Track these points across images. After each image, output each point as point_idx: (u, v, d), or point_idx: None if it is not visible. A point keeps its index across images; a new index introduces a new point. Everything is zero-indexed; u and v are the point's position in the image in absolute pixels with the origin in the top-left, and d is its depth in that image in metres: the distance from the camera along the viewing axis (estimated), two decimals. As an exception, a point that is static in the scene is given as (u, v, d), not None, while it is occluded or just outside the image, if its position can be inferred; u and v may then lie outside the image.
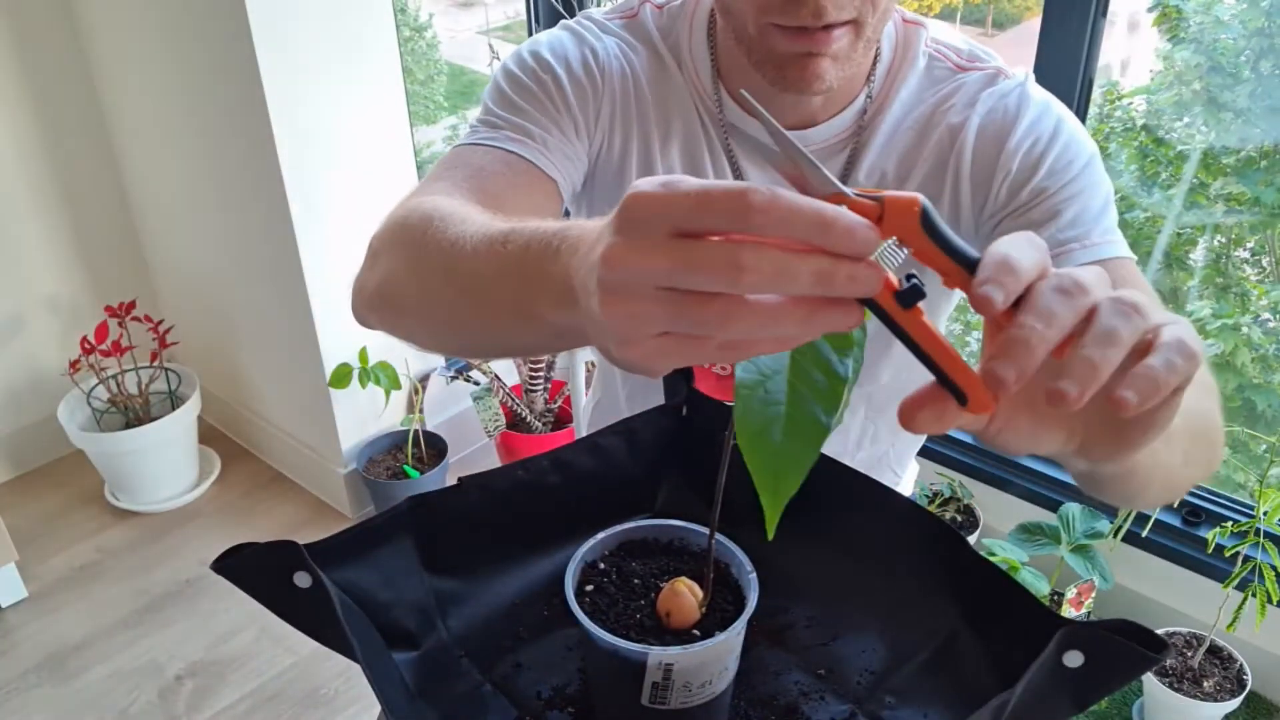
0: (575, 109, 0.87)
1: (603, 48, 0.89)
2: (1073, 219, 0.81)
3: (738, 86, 0.88)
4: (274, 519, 2.31)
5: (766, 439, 0.45)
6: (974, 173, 0.87)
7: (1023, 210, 0.84)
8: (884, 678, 0.69)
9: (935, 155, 0.87)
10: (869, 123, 0.88)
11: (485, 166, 0.82)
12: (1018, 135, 0.84)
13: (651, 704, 0.62)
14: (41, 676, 1.89)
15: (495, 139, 0.84)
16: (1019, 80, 0.87)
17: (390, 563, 0.69)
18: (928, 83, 0.89)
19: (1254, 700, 1.78)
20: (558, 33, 0.91)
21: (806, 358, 0.46)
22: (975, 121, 0.85)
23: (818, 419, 0.46)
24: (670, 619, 0.63)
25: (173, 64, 2.01)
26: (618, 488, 0.79)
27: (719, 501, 0.62)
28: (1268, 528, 1.54)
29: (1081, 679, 0.52)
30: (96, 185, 2.36)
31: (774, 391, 0.46)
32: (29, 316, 2.33)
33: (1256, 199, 2.32)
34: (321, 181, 1.94)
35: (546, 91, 0.86)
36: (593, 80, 0.88)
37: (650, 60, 0.91)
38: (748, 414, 0.45)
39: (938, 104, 0.88)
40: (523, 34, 2.44)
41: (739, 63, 0.85)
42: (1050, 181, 0.83)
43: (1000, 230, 0.86)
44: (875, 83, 0.88)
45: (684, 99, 0.90)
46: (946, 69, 0.89)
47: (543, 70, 0.87)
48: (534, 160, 0.83)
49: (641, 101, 0.90)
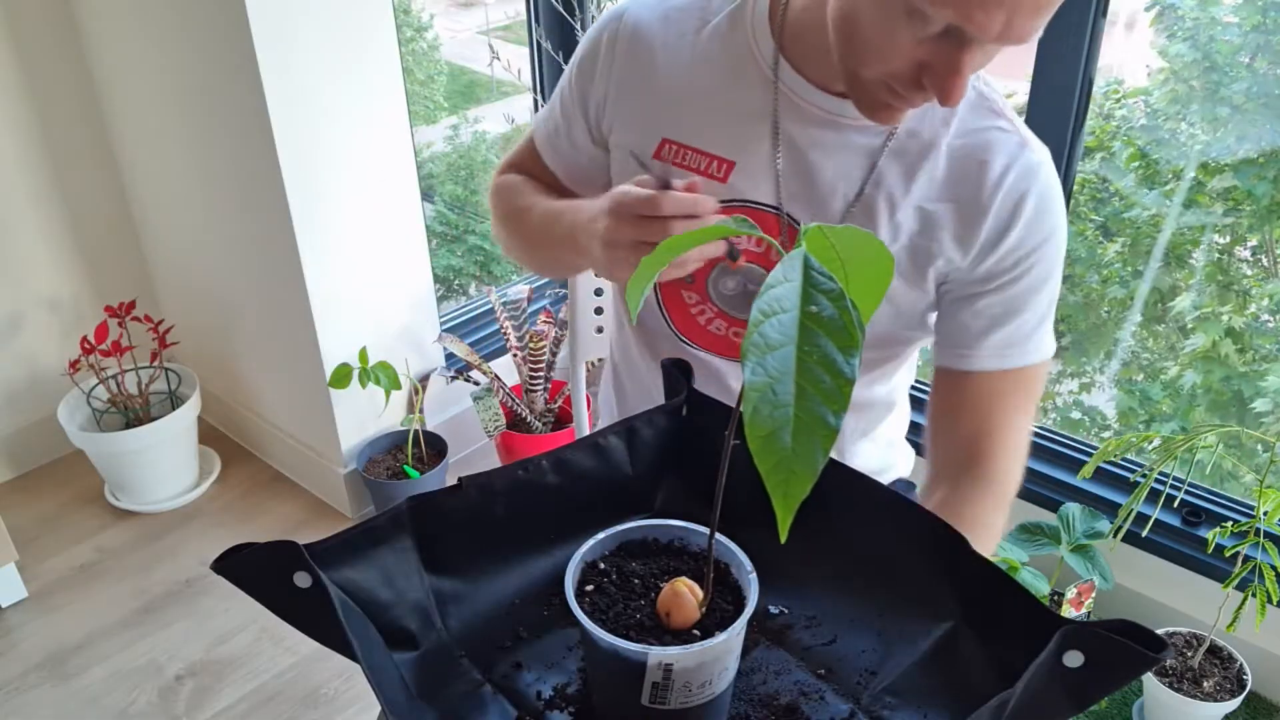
0: (587, 116, 1.05)
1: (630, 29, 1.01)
2: (1020, 324, 0.94)
3: (795, 56, 0.92)
4: (274, 519, 2.31)
5: (777, 442, 0.45)
6: (988, 236, 0.92)
7: (982, 292, 0.94)
8: (884, 677, 0.69)
9: (975, 199, 0.92)
10: (910, 123, 0.92)
11: (535, 168, 1.14)
12: (1020, 226, 0.91)
13: (651, 704, 0.62)
14: (41, 676, 1.89)
15: (543, 150, 1.13)
16: (1040, 160, 0.92)
17: (390, 563, 0.69)
18: (972, 114, 0.92)
19: (1254, 700, 1.78)
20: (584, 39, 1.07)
21: (813, 358, 0.46)
22: (1006, 186, 0.91)
23: (826, 420, 0.46)
24: (670, 619, 0.63)
25: (173, 64, 2.01)
26: (618, 488, 0.79)
27: (719, 501, 0.62)
28: (1268, 528, 1.54)
29: (1081, 679, 0.52)
30: (96, 185, 2.36)
31: (782, 394, 0.46)
32: (29, 316, 2.33)
33: (1249, 193, 2.32)
34: (321, 181, 1.94)
35: (565, 101, 1.08)
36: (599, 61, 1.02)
37: (697, 27, 0.97)
38: (757, 417, 0.45)
39: (975, 148, 0.91)
40: (523, 34, 2.43)
41: (807, 36, 0.90)
42: (1018, 280, 0.93)
43: (951, 293, 0.96)
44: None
45: (743, 59, 0.94)
46: (990, 110, 0.92)
47: (567, 82, 1.07)
48: (543, 154, 1.12)
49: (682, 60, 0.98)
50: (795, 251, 0.49)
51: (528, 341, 2.25)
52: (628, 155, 1.00)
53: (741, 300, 1.00)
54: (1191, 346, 2.51)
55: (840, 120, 0.92)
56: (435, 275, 2.30)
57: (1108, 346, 2.89)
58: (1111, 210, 2.70)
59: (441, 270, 3.96)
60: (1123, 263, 2.70)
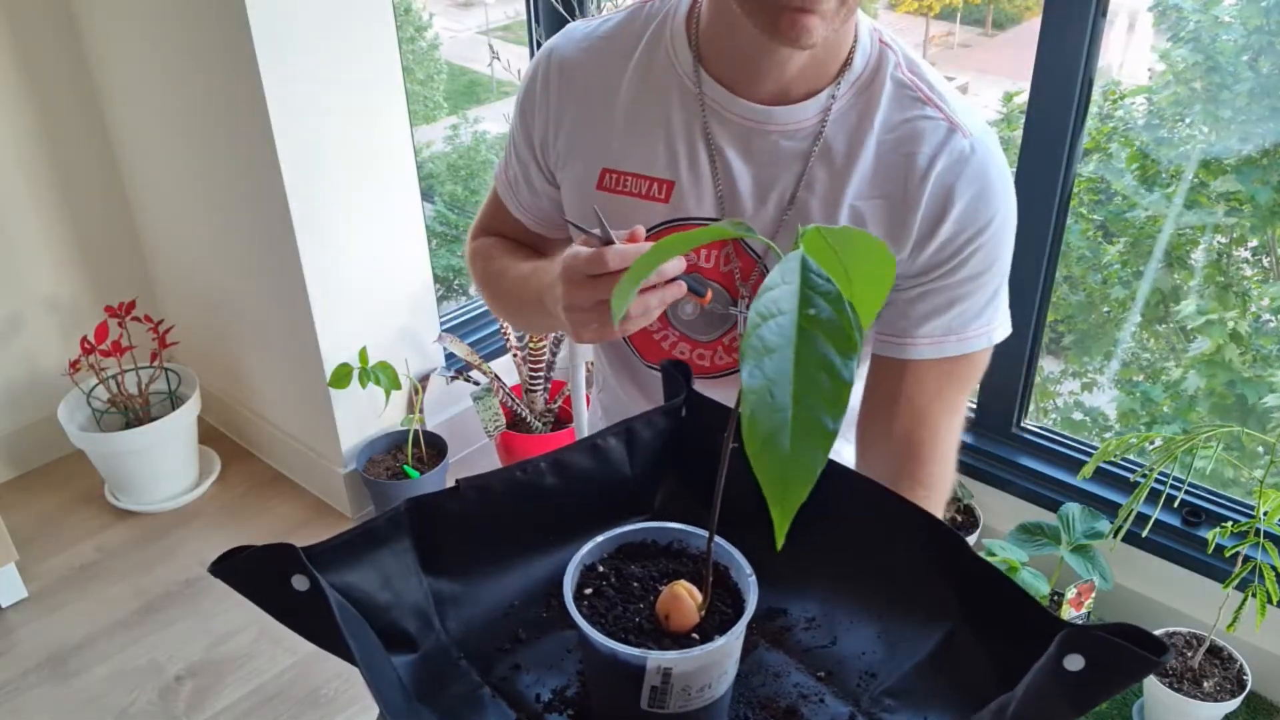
0: (535, 154, 1.05)
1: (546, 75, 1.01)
2: (961, 311, 0.93)
3: (715, 68, 0.93)
4: (274, 519, 2.31)
5: (775, 446, 0.44)
6: (920, 229, 0.91)
7: (921, 284, 0.93)
8: (884, 679, 0.69)
9: (903, 193, 0.90)
10: (833, 124, 0.91)
11: (498, 223, 1.15)
12: (953, 217, 0.89)
13: (650, 708, 0.62)
14: (41, 676, 1.89)
15: (503, 194, 1.12)
16: (969, 145, 0.89)
17: (388, 565, 0.69)
18: (894, 108, 0.91)
19: (1254, 700, 1.78)
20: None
21: (811, 361, 0.46)
22: (933, 177, 0.89)
23: (823, 423, 0.45)
24: (669, 622, 0.63)
25: (173, 64, 2.00)
26: (616, 489, 0.79)
27: (718, 504, 0.62)
28: (1268, 528, 1.54)
29: (1082, 682, 0.52)
30: (96, 185, 2.36)
31: (779, 397, 0.45)
32: (29, 316, 2.33)
33: (1252, 197, 2.32)
34: (321, 181, 1.94)
35: (516, 144, 1.07)
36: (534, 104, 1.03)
37: (626, 53, 0.97)
38: (755, 420, 0.44)
39: (900, 141, 0.90)
40: (523, 34, 2.43)
41: (718, 41, 0.91)
42: (956, 272, 0.92)
43: (902, 292, 0.94)
44: (842, 86, 0.91)
45: (666, 77, 0.95)
46: (914, 99, 0.91)
47: (514, 125, 1.07)
48: (508, 205, 1.12)
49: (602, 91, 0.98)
50: (793, 254, 0.49)
51: (527, 341, 2.25)
52: (574, 192, 1.00)
53: (702, 323, 1.00)
54: (1195, 350, 2.51)
55: (766, 126, 0.92)
56: (435, 275, 2.30)
57: (1108, 347, 2.89)
58: (1112, 210, 2.70)
59: (441, 270, 3.96)
60: (1123, 263, 2.70)
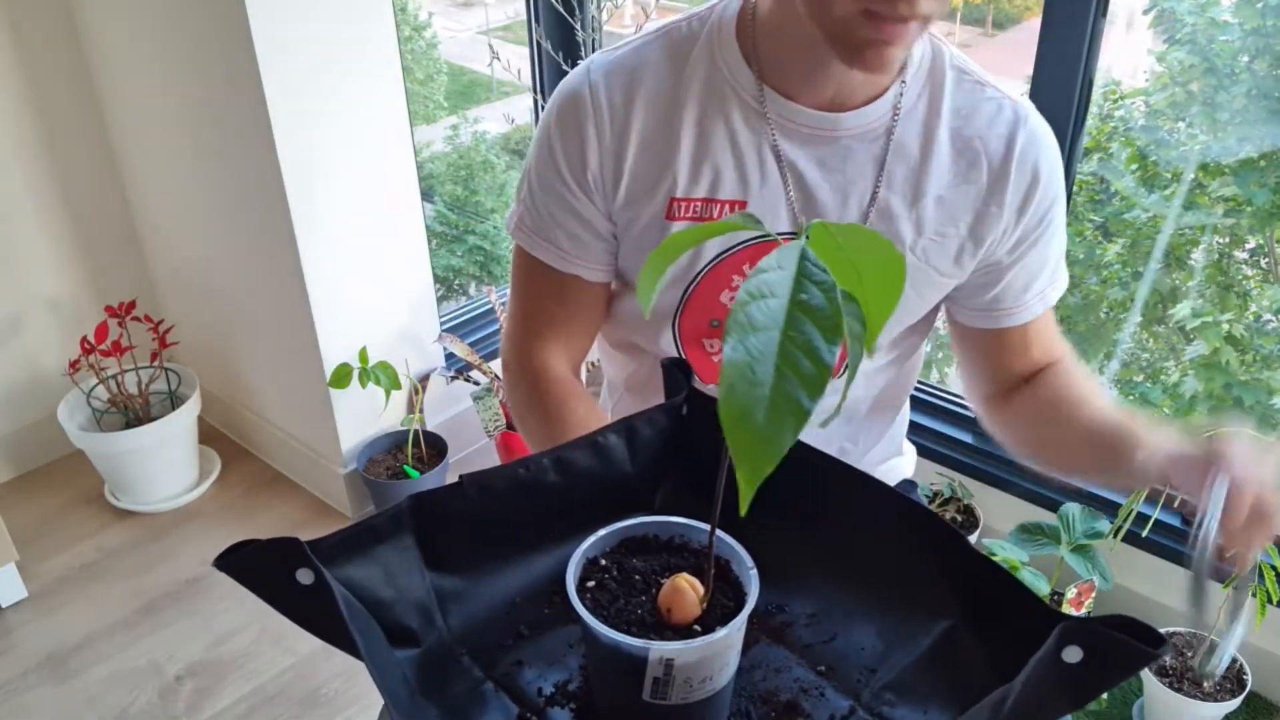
0: (593, 198, 0.97)
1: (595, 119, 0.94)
2: (1036, 271, 1.00)
3: (775, 79, 0.91)
4: (274, 519, 2.31)
5: (750, 419, 0.45)
6: (1013, 206, 0.95)
7: (1019, 255, 0.98)
8: (884, 674, 0.69)
9: (989, 176, 0.94)
10: (903, 121, 0.92)
11: (541, 300, 1.03)
12: (1040, 186, 0.94)
13: (653, 699, 0.62)
14: (41, 676, 1.89)
15: (535, 249, 1.00)
16: (1036, 119, 0.95)
17: (391, 560, 0.69)
18: (959, 95, 0.93)
19: (1254, 700, 1.78)
20: (542, 127, 0.97)
21: (796, 343, 0.47)
22: (1017, 155, 0.93)
23: (800, 402, 0.46)
24: (671, 615, 0.63)
25: (172, 64, 2.01)
26: (618, 486, 0.79)
27: (719, 498, 0.62)
28: (1267, 527, 1.54)
29: (1080, 674, 0.52)
30: (96, 185, 2.36)
31: (760, 373, 0.46)
32: (29, 316, 2.33)
33: (1250, 200, 2.33)
34: (321, 181, 1.94)
35: (560, 195, 0.97)
36: (589, 168, 0.95)
37: (673, 72, 0.94)
38: (732, 395, 0.45)
39: (975, 130, 0.93)
40: (523, 34, 2.44)
41: (781, 54, 0.90)
42: (1045, 232, 0.98)
43: (988, 268, 1.00)
44: (907, 82, 0.92)
45: (725, 96, 0.93)
46: (974, 84, 0.94)
47: (551, 173, 0.97)
48: (577, 273, 1.00)
49: (663, 118, 0.93)
50: (793, 243, 0.49)
51: (528, 342, 2.25)
52: (640, 230, 0.96)
53: None
54: (1193, 353, 2.51)
55: (836, 133, 0.91)
56: (435, 275, 2.30)
57: (1108, 347, 2.89)
58: (1111, 211, 2.71)
59: (441, 270, 3.97)
60: (1122, 264, 2.70)
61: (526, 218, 1.00)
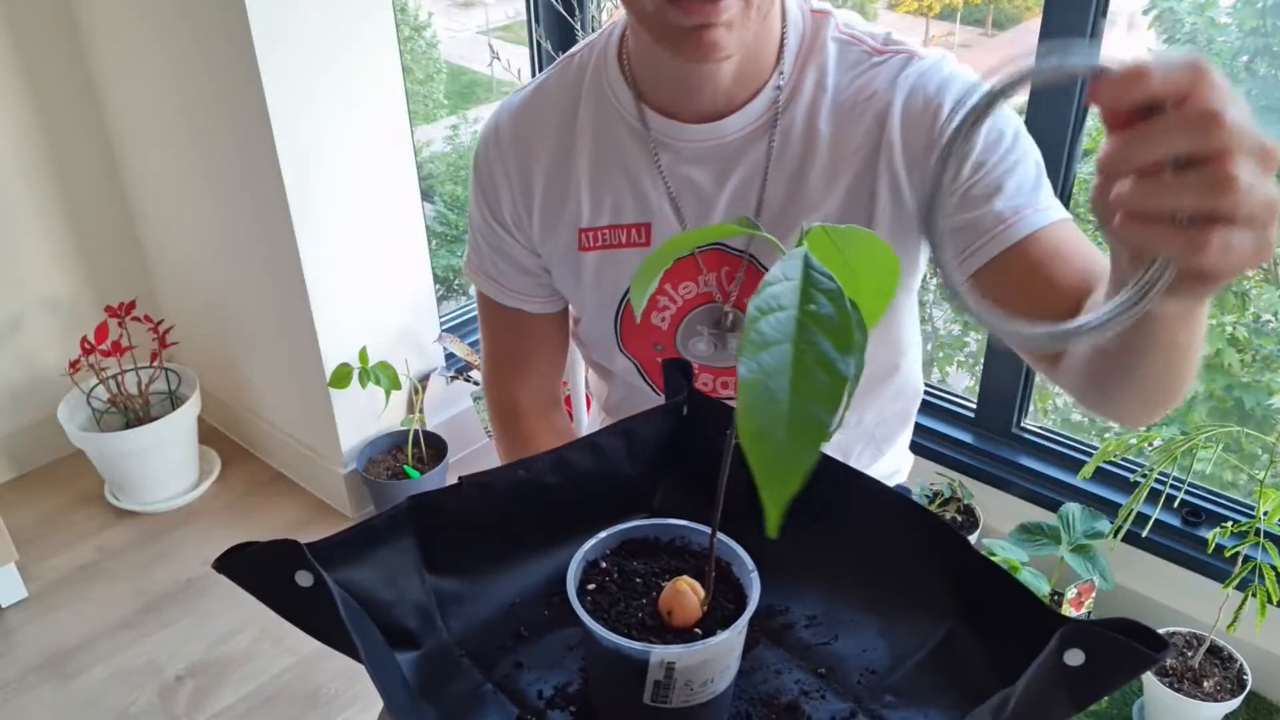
0: (515, 236, 1.00)
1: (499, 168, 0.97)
2: (1015, 190, 0.82)
3: (655, 99, 0.91)
4: (274, 519, 2.31)
5: (770, 438, 0.45)
6: (908, 157, 0.86)
7: (964, 187, 0.84)
8: (884, 676, 0.69)
9: (868, 144, 0.87)
10: (784, 109, 0.89)
11: (500, 336, 1.08)
12: (945, 113, 0.84)
13: (653, 703, 0.62)
14: (41, 676, 1.89)
15: (484, 286, 1.05)
16: (936, 59, 0.87)
17: (391, 562, 0.69)
18: (843, 68, 0.88)
19: (1254, 700, 1.78)
20: (470, 172, 1.01)
21: (809, 357, 0.46)
22: (899, 104, 0.86)
23: (819, 419, 0.46)
24: (672, 618, 0.63)
25: (172, 63, 2.01)
26: (617, 487, 0.79)
27: (720, 500, 0.62)
28: (1268, 528, 1.54)
29: (1082, 677, 0.52)
30: (96, 185, 2.36)
31: (776, 390, 0.45)
32: (29, 316, 2.33)
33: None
34: (321, 181, 1.94)
35: (490, 234, 1.01)
36: (500, 215, 0.99)
37: (568, 104, 0.95)
38: (750, 413, 0.45)
39: (858, 92, 0.87)
40: (523, 34, 2.44)
41: (649, 73, 0.89)
42: (986, 155, 0.83)
43: (941, 211, 0.84)
44: (785, 70, 0.88)
45: (613, 121, 0.93)
46: (861, 53, 0.89)
47: (478, 216, 1.02)
48: (522, 308, 1.04)
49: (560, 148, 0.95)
50: (795, 250, 0.49)
51: (528, 342, 2.25)
52: (559, 263, 0.98)
53: (720, 357, 0.99)
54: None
55: (724, 139, 0.90)
56: (435, 275, 2.30)
57: (1108, 347, 2.88)
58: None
59: (441, 270, 3.96)
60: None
61: (473, 257, 1.05)
